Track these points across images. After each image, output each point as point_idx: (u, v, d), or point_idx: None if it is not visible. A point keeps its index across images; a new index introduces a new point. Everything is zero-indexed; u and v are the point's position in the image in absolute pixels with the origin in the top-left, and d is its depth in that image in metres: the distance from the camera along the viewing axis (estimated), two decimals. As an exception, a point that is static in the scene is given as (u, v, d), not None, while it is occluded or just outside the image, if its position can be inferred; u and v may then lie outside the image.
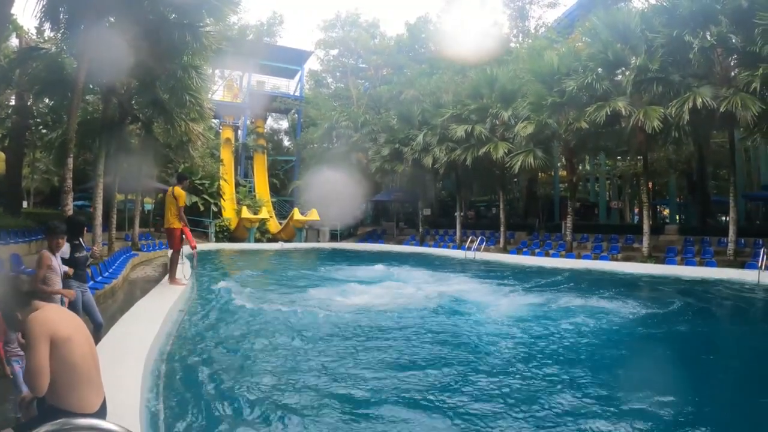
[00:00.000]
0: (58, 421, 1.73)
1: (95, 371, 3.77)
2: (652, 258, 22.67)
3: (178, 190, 12.13)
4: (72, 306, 6.74)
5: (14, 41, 23.99)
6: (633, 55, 21.97)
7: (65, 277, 7.84)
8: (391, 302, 13.34)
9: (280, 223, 39.82)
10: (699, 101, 19.03)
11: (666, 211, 43.12)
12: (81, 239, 8.15)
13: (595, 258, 24.15)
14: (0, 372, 5.82)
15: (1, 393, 6.22)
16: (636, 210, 41.30)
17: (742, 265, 19.44)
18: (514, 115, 27.47)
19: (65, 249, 7.77)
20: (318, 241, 37.22)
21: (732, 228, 21.35)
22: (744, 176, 31.77)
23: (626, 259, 23.47)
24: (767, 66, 17.73)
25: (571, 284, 16.86)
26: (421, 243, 35.54)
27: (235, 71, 51.75)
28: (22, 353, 5.30)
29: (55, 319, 3.57)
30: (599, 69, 23.03)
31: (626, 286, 16.88)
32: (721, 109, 18.71)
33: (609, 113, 21.67)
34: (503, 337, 9.42)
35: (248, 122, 51.42)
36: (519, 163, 26.31)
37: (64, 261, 7.91)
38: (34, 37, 23.80)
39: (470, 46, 35.68)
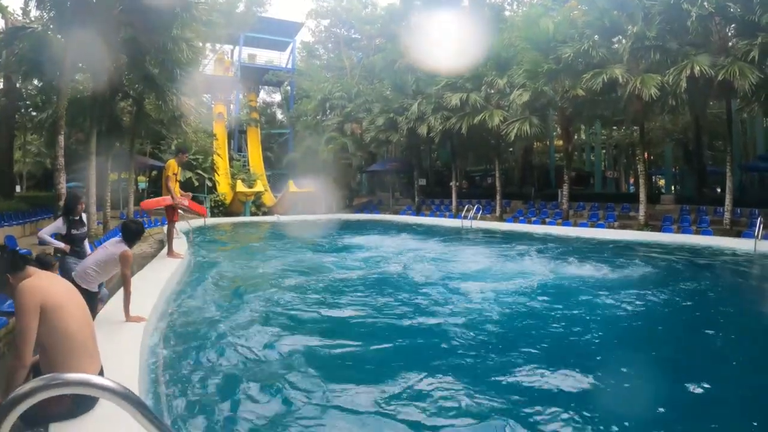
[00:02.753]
0: (47, 376, 1.67)
1: (91, 340, 3.82)
2: (648, 226, 22.71)
3: (170, 161, 12.08)
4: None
5: (0, 23, 23.56)
6: (630, 22, 21.72)
7: (62, 253, 7.76)
8: (387, 269, 13.40)
9: (276, 196, 39.69)
10: (696, 69, 18.87)
11: (662, 181, 43.13)
12: (82, 216, 8.09)
13: (592, 226, 24.18)
14: None
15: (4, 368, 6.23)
16: (631, 180, 41.31)
17: (738, 234, 19.46)
18: (509, 83, 27.20)
19: (59, 225, 7.69)
20: (314, 213, 37.12)
21: (728, 197, 21.38)
22: (740, 147, 31.74)
23: (622, 227, 23.45)
24: (766, 35, 17.63)
25: (573, 250, 16.90)
26: (418, 213, 35.52)
27: (226, 45, 51.10)
28: None
29: (45, 286, 3.59)
30: (596, 36, 22.86)
31: (625, 252, 16.93)
32: (719, 78, 18.60)
33: (606, 80, 21.47)
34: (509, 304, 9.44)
35: (240, 96, 50.93)
36: (515, 131, 26.10)
37: (61, 237, 7.82)
38: (20, 18, 23.37)
39: (464, 15, 35.32)
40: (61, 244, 7.80)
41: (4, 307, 7.57)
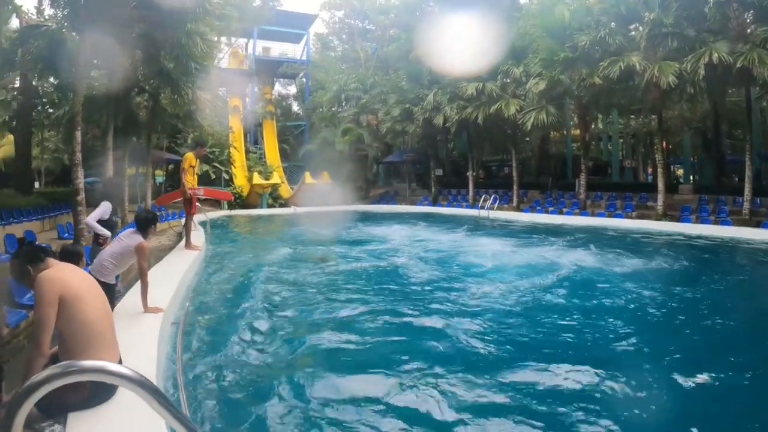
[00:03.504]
0: (63, 363, 1.68)
1: (110, 331, 3.84)
2: (666, 216, 22.53)
3: (187, 154, 12.15)
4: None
5: (15, 23, 23.76)
6: (646, 9, 21.51)
7: (98, 244, 7.85)
8: (403, 260, 13.43)
9: (292, 188, 39.79)
10: (715, 56, 18.68)
11: (680, 171, 42.64)
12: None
13: (610, 216, 24.05)
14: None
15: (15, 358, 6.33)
16: (649, 169, 40.83)
17: (758, 225, 19.26)
18: (525, 71, 27.12)
19: (107, 208, 7.66)
20: (331, 205, 37.16)
21: (747, 187, 21.15)
22: (760, 136, 31.30)
23: (641, 217, 23.29)
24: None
25: (592, 240, 16.80)
26: (434, 203, 35.45)
27: (240, 38, 51.13)
28: None
29: (65, 277, 3.63)
30: (612, 23, 22.63)
31: (644, 242, 16.83)
32: (738, 65, 18.37)
33: (623, 68, 21.29)
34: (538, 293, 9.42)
35: (255, 89, 51.00)
36: (531, 120, 25.97)
37: (104, 223, 7.89)
38: (35, 17, 23.56)
39: (479, 4, 35.07)
40: (107, 232, 7.88)
41: (24, 300, 7.64)
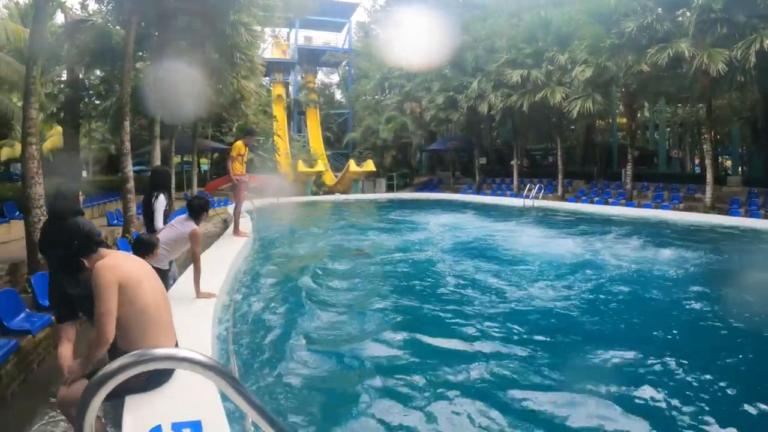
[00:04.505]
0: (135, 352, 1.75)
1: (167, 315, 3.92)
2: (714, 209, 22.06)
3: (237, 143, 12.42)
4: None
5: (59, 18, 24.42)
6: (694, -7, 20.97)
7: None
8: (447, 248, 13.54)
9: (336, 176, 40.07)
10: (766, 44, 18.15)
11: (728, 162, 41.48)
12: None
13: (656, 207, 23.68)
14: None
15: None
16: (696, 160, 39.86)
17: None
18: (570, 58, 26.72)
19: (164, 201, 7.66)
20: (374, 192, 37.31)
21: (799, 179, 20.52)
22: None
23: (688, 209, 22.81)
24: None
25: (638, 232, 16.60)
26: (478, 192, 35.28)
27: (283, 28, 51.45)
28: None
29: (123, 264, 3.70)
30: (659, 9, 22.06)
31: (693, 235, 16.57)
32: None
33: (671, 55, 20.83)
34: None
35: (299, 78, 51.41)
36: (577, 109, 25.56)
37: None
38: (78, 12, 24.19)
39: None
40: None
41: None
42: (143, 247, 5.62)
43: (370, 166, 36.79)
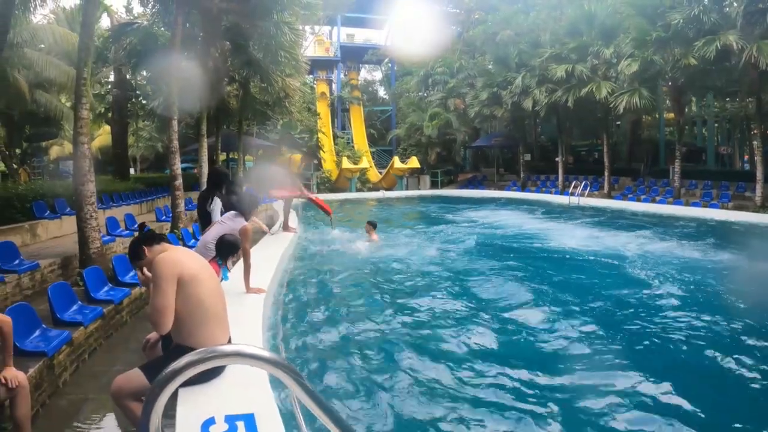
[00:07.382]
0: (202, 349, 1.81)
1: (222, 308, 3.96)
2: (765, 208, 21.51)
3: (294, 156, 12.92)
4: None
5: (105, 22, 25.22)
6: (743, -17, 20.49)
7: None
8: (494, 245, 13.62)
9: (380, 173, 40.31)
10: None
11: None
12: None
13: (705, 206, 23.24)
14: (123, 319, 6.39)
15: (127, 335, 6.86)
16: (745, 157, 38.79)
17: None
18: (615, 52, 26.36)
19: (219, 203, 7.76)
20: (419, 189, 37.45)
21: None
22: None
23: (737, 208, 22.27)
24: None
25: (688, 231, 16.39)
26: (523, 188, 35.13)
27: (325, 26, 51.92)
28: None
29: (182, 258, 3.79)
30: (705, 0, 21.67)
31: (743, 237, 16.28)
32: None
33: (719, 48, 20.33)
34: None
35: (342, 75, 51.82)
36: (623, 104, 25.07)
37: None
38: (124, 15, 25.02)
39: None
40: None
41: (128, 279, 8.10)
42: (228, 247, 5.94)
43: (414, 162, 37.00)
